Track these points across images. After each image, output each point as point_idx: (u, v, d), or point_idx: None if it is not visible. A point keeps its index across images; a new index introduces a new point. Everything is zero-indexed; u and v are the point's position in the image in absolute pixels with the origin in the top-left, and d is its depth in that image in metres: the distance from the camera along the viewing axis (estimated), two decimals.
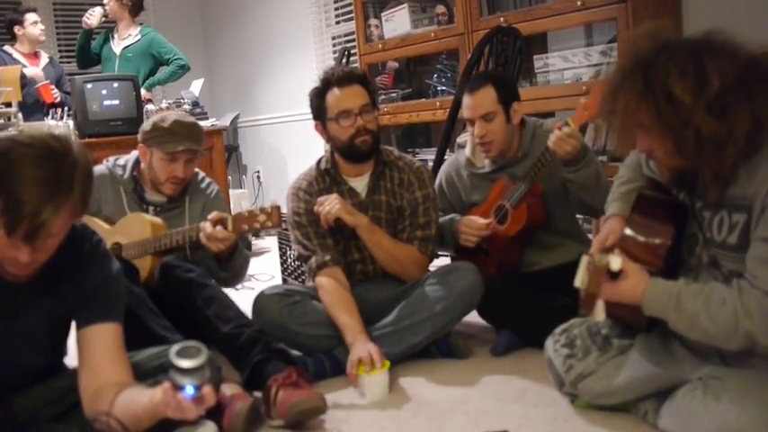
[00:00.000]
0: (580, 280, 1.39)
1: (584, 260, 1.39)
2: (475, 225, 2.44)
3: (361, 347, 2.05)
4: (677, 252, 1.62)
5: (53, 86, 4.69)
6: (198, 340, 1.35)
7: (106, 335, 1.58)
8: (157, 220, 2.39)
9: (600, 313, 1.39)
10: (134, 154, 2.57)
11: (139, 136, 2.50)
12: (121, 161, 2.58)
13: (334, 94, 2.33)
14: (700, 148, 1.43)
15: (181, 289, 2.17)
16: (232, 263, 2.31)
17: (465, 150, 2.62)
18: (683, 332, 1.54)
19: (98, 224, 2.43)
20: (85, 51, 4.93)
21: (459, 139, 2.70)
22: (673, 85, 1.41)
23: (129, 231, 2.37)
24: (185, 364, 1.29)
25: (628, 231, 1.63)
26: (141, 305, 2.07)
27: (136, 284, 2.14)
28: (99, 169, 2.49)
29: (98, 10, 4.78)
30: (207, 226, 2.15)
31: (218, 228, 2.13)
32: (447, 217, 2.57)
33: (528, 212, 2.38)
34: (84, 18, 4.80)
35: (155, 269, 2.27)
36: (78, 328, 1.60)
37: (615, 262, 1.38)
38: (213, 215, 2.16)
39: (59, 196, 1.39)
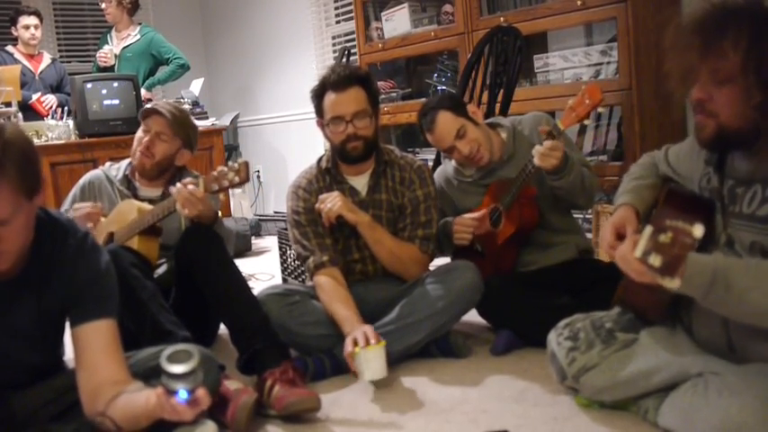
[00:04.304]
0: (641, 250, 1.31)
1: (648, 230, 1.31)
2: (466, 222, 2.46)
3: (356, 330, 2.06)
4: (703, 246, 1.61)
5: (44, 99, 4.72)
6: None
7: (101, 332, 1.57)
8: (144, 204, 2.43)
9: (677, 281, 1.31)
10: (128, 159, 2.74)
11: None
12: (116, 165, 2.74)
13: (329, 98, 2.31)
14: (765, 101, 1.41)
15: (202, 253, 2.19)
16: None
17: (452, 160, 2.63)
18: (727, 309, 1.44)
19: None
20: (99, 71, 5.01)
21: None
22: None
23: (120, 219, 2.43)
24: (176, 369, 1.28)
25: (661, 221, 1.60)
26: (152, 299, 2.10)
27: (149, 279, 2.18)
28: (94, 173, 2.72)
29: (109, 54, 4.88)
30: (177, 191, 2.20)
31: (191, 187, 2.16)
32: (441, 221, 2.58)
33: (519, 215, 2.40)
34: (100, 56, 4.89)
35: (145, 248, 2.31)
36: (72, 326, 1.59)
37: (699, 229, 1.27)
38: (185, 180, 2.20)
39: None
